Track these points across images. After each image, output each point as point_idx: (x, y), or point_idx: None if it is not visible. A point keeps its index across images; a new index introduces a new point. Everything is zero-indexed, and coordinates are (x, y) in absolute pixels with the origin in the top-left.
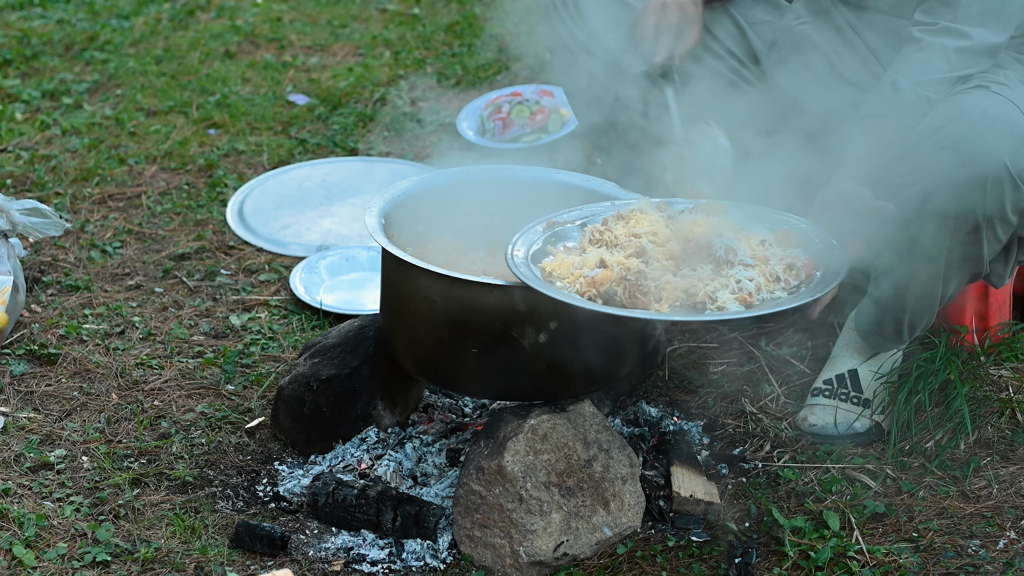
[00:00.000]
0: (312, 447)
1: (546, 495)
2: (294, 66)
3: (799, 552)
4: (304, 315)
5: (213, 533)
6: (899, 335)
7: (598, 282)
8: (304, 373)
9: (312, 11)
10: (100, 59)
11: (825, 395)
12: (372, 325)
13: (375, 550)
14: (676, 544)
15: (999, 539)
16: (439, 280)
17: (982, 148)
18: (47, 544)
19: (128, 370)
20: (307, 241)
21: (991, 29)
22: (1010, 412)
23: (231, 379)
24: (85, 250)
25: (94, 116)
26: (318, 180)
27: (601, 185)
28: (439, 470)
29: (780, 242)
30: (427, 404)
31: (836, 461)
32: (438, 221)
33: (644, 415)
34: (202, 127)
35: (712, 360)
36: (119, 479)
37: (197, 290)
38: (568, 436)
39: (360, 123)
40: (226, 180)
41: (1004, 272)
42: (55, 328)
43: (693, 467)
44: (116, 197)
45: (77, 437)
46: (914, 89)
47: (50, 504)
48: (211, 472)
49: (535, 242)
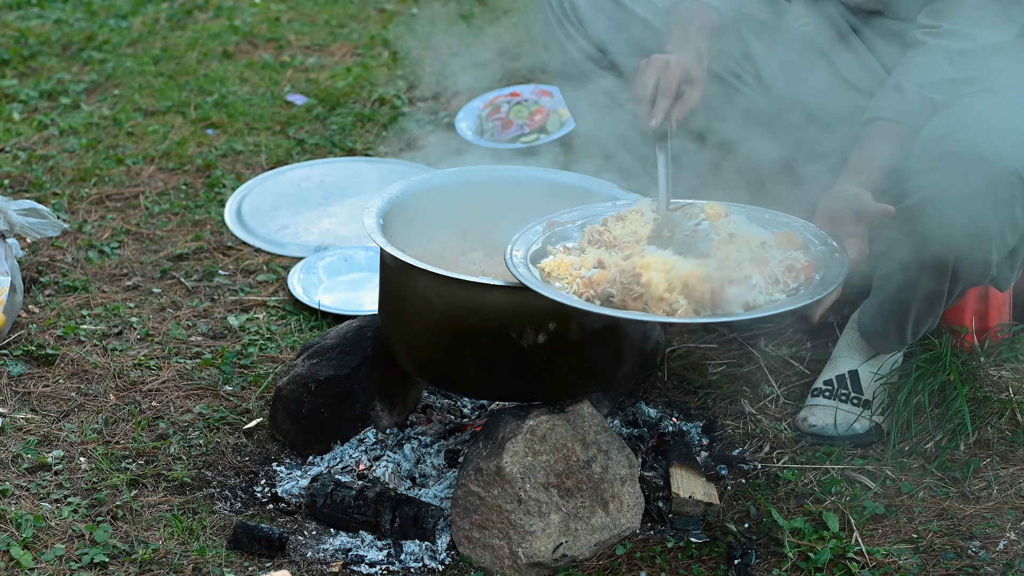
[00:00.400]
0: (310, 448)
1: (545, 496)
2: (292, 66)
3: (798, 553)
4: (302, 316)
5: (211, 534)
6: (902, 337)
7: (595, 282)
8: (302, 374)
9: (310, 11)
10: (98, 59)
11: (825, 396)
12: (370, 326)
13: (373, 551)
14: (675, 545)
15: (999, 540)
16: (437, 280)
17: (992, 153)
18: (45, 545)
19: (126, 371)
20: (305, 241)
21: (996, 30)
22: (1010, 413)
23: (229, 380)
24: (83, 250)
25: (92, 116)
26: (316, 180)
27: (601, 185)
28: (438, 471)
29: (780, 244)
30: (425, 405)
31: (836, 462)
32: (437, 221)
33: (643, 416)
34: (200, 127)
35: (711, 361)
36: (117, 480)
37: (195, 291)
38: (567, 437)
39: (358, 123)
40: (224, 180)
41: (1010, 275)
42: (53, 329)
43: (692, 468)
44: (114, 197)
45: (75, 438)
46: (918, 91)
47: (48, 505)
48: (209, 473)
49: (534, 242)
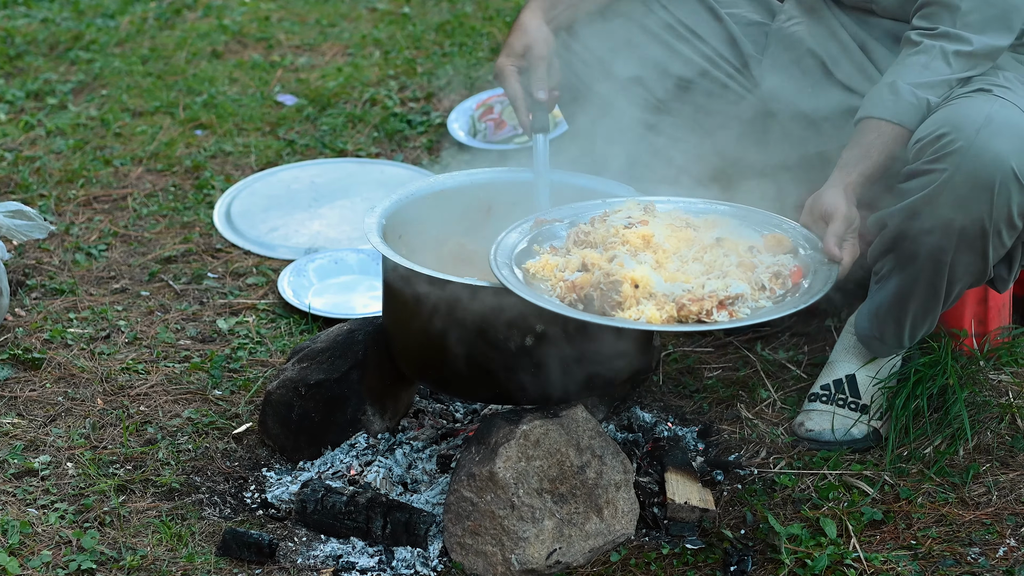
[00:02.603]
0: (300, 453)
1: (538, 502)
2: (282, 66)
3: (795, 560)
4: (292, 319)
5: (200, 541)
6: (900, 340)
7: (578, 286)
8: (292, 378)
9: (301, 10)
10: (85, 59)
11: (822, 400)
12: (362, 329)
13: (364, 558)
14: (670, 552)
15: (999, 547)
16: (427, 281)
17: (988, 153)
18: (31, 552)
19: (113, 375)
20: (295, 244)
21: (993, 35)
22: (1010, 417)
23: (218, 384)
24: (70, 253)
25: (79, 117)
26: (307, 182)
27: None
28: (430, 476)
29: (770, 247)
30: (417, 409)
31: (833, 467)
32: (451, 224)
33: (638, 420)
34: (189, 128)
35: (707, 365)
36: (104, 486)
37: (184, 294)
38: (561, 442)
39: (349, 124)
40: (213, 182)
41: (1008, 277)
42: (39, 332)
43: (688, 473)
44: (101, 199)
45: (62, 443)
46: (913, 91)
47: (34, 511)
48: (198, 479)
49: (520, 242)
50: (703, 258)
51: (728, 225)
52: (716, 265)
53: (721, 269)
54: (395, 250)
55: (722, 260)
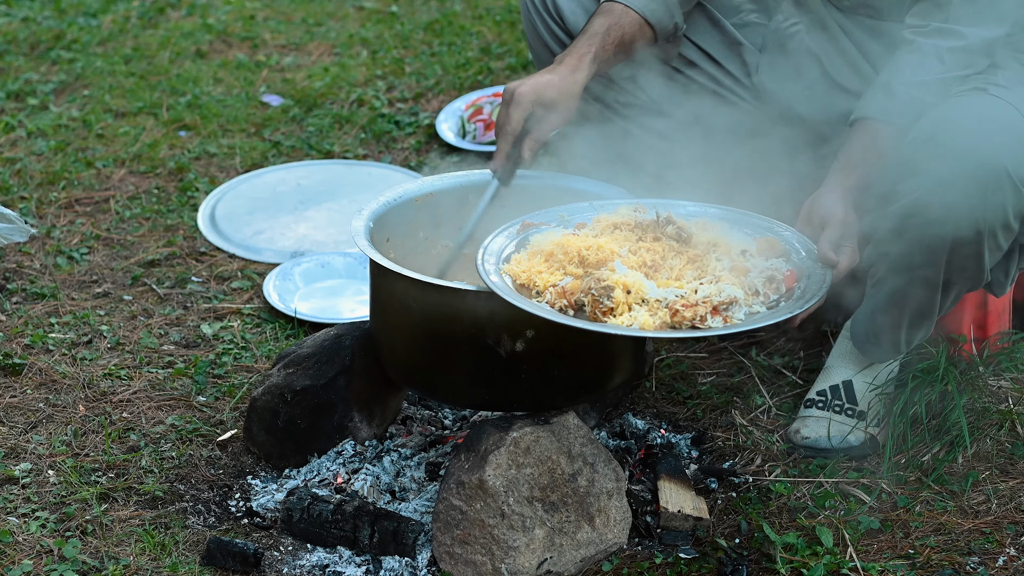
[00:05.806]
0: (286, 460)
1: (529, 510)
2: (268, 66)
3: (791, 569)
4: (278, 324)
5: (184, 550)
6: (896, 345)
7: (568, 292)
8: (278, 384)
9: (286, 9)
10: (67, 59)
11: (818, 407)
12: (348, 334)
13: (352, 567)
14: (664, 561)
15: (998, 556)
16: (414, 285)
17: (983, 153)
18: (12, 561)
19: (96, 381)
20: (281, 247)
21: (986, 27)
22: (1009, 424)
23: (202, 390)
24: (51, 256)
25: (60, 118)
26: (293, 184)
27: (610, 191)
28: (418, 484)
29: (762, 251)
30: (406, 416)
31: (829, 475)
32: (439, 227)
33: (630, 427)
34: (172, 129)
35: (701, 370)
36: (86, 494)
37: (167, 298)
38: (552, 449)
39: (336, 125)
40: (197, 184)
41: (1005, 280)
42: (20, 337)
43: (681, 481)
44: (83, 201)
45: (43, 450)
46: (908, 91)
47: (15, 520)
48: (182, 486)
49: (507, 245)
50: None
51: (720, 228)
52: (708, 269)
53: (714, 274)
54: (383, 254)
55: (714, 264)
